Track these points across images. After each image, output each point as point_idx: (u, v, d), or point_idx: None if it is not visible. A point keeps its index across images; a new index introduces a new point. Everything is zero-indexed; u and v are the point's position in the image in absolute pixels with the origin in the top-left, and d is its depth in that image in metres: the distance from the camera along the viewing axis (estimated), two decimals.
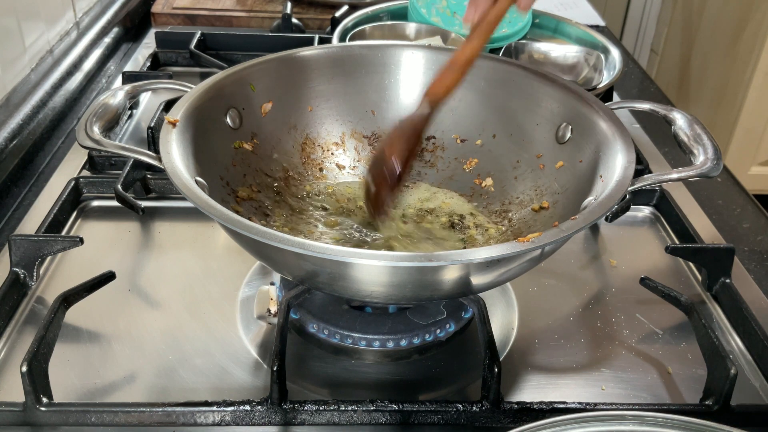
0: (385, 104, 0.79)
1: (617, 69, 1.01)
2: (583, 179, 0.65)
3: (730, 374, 0.56)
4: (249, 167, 0.70)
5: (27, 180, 0.87)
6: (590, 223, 0.53)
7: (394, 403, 0.57)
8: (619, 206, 0.80)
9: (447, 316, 0.63)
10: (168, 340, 0.64)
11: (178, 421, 0.56)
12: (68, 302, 0.62)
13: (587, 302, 0.71)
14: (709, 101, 2.24)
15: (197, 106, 0.65)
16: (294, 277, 0.58)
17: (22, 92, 0.96)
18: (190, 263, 0.74)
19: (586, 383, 0.62)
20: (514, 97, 0.74)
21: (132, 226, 0.79)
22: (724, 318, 0.70)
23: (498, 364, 0.56)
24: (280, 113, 0.74)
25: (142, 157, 0.59)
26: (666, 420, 0.44)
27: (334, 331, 0.62)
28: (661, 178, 0.61)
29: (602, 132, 0.64)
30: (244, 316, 0.67)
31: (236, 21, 1.35)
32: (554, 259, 0.74)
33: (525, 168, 0.73)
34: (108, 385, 0.60)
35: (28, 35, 1.01)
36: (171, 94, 0.94)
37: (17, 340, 0.64)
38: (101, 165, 0.88)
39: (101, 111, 0.63)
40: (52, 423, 0.56)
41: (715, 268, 0.72)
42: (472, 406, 0.57)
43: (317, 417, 0.57)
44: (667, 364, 0.64)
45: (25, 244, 0.68)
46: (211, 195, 0.55)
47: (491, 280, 0.57)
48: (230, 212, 0.52)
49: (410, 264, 0.49)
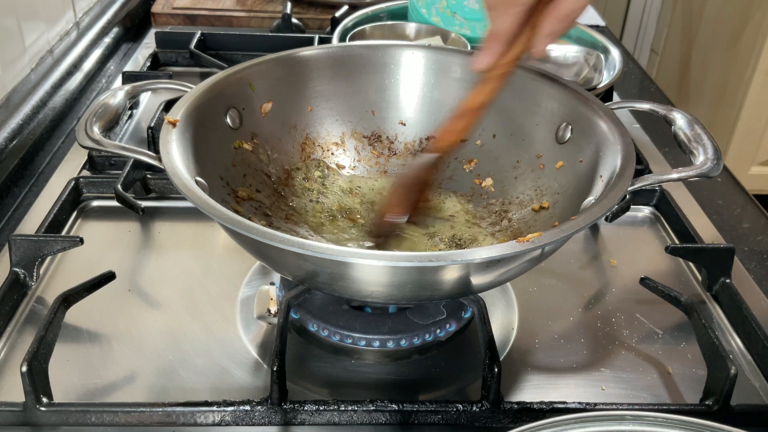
0: (385, 104, 0.79)
1: (617, 69, 1.01)
2: (583, 179, 0.65)
3: (730, 374, 0.56)
4: (249, 167, 0.70)
5: (27, 180, 0.87)
6: (590, 223, 0.53)
7: (394, 403, 0.57)
8: (619, 206, 0.80)
9: (447, 316, 0.63)
10: (168, 340, 0.64)
11: (178, 421, 0.56)
12: (68, 302, 0.62)
13: (587, 302, 0.71)
14: (709, 101, 2.24)
15: (197, 106, 0.65)
16: (294, 277, 0.58)
17: (22, 92, 0.96)
18: (190, 263, 0.74)
19: (586, 383, 0.62)
20: (514, 97, 0.74)
21: (132, 226, 0.79)
22: (724, 318, 0.70)
23: (498, 364, 0.56)
24: (280, 113, 0.74)
25: (142, 157, 0.59)
26: (666, 420, 0.44)
27: (334, 331, 0.62)
28: (661, 178, 0.61)
29: (602, 132, 0.64)
30: (244, 316, 0.67)
31: (236, 21, 1.35)
32: (554, 259, 0.74)
33: (525, 168, 0.73)
34: (108, 385, 0.60)
35: (28, 35, 1.01)
36: (171, 94, 0.94)
37: (17, 340, 0.64)
38: (101, 165, 0.88)
39: (101, 111, 0.63)
40: (52, 423, 0.56)
41: (715, 268, 0.72)
42: (472, 406, 0.57)
43: (317, 417, 0.57)
44: (667, 364, 0.64)
45: (25, 244, 0.68)
46: (211, 195, 0.55)
47: (491, 280, 0.57)
48: (230, 212, 0.52)
49: (410, 264, 0.49)
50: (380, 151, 0.79)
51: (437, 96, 0.78)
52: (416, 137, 0.79)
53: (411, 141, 0.79)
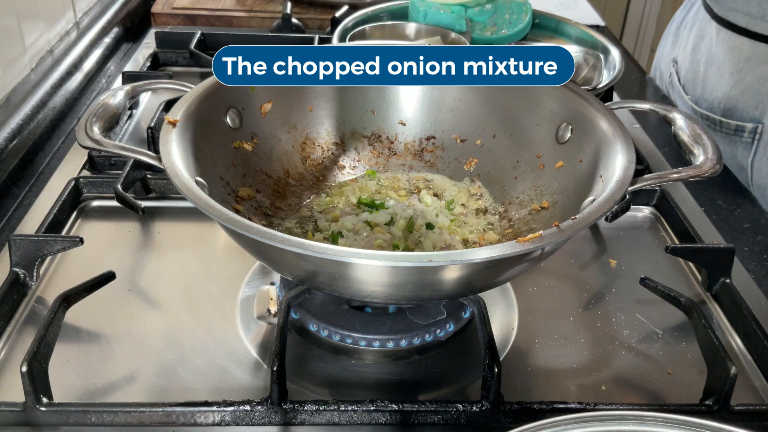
0: (385, 104, 0.79)
1: (617, 69, 1.01)
2: (583, 179, 0.65)
3: (730, 374, 0.56)
4: (249, 167, 0.70)
5: (27, 180, 0.87)
6: (590, 223, 0.53)
7: (394, 403, 0.57)
8: (619, 206, 0.80)
9: (447, 316, 0.63)
10: (168, 340, 0.64)
11: (178, 421, 0.56)
12: (68, 302, 0.62)
13: (587, 302, 0.71)
14: None
15: (197, 106, 0.65)
16: (294, 277, 0.58)
17: (22, 92, 0.96)
18: (190, 263, 0.74)
19: (586, 383, 0.62)
20: (514, 97, 0.74)
21: (132, 226, 0.79)
22: (724, 318, 0.70)
23: (498, 364, 0.56)
24: (280, 113, 0.74)
25: (142, 157, 0.59)
26: (666, 420, 0.44)
27: (334, 331, 0.62)
28: (662, 178, 0.61)
29: (602, 132, 0.64)
30: (244, 316, 0.67)
31: (236, 21, 1.35)
32: (554, 259, 0.74)
33: (525, 168, 0.73)
34: (108, 385, 0.60)
35: (28, 35, 1.01)
36: (171, 94, 0.94)
37: (17, 340, 0.64)
38: (101, 165, 0.88)
39: (101, 111, 0.63)
40: (52, 423, 0.56)
41: (715, 268, 0.72)
42: (472, 406, 0.57)
43: (317, 417, 0.57)
44: (667, 364, 0.64)
45: (25, 244, 0.68)
46: (211, 195, 0.55)
47: (491, 280, 0.57)
48: (230, 212, 0.52)
49: (410, 264, 0.49)
50: (380, 151, 0.79)
51: (437, 96, 0.78)
52: (416, 137, 0.79)
53: (411, 141, 0.79)
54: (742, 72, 0.90)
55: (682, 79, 1.07)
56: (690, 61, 1.04)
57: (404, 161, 0.79)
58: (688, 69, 1.04)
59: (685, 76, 1.06)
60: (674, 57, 1.11)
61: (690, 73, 1.03)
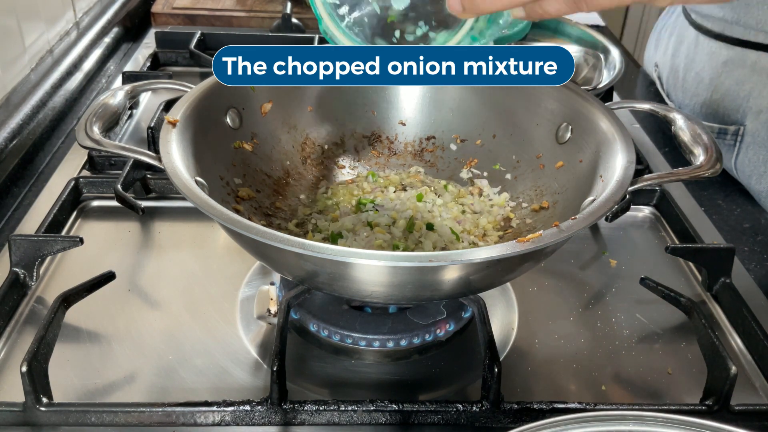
0: (385, 104, 0.79)
1: (617, 69, 1.01)
2: (583, 179, 0.65)
3: (730, 374, 0.56)
4: (249, 167, 0.70)
5: (27, 180, 0.87)
6: (590, 223, 0.53)
7: (394, 403, 0.57)
8: (619, 206, 0.80)
9: (447, 316, 0.63)
10: (168, 340, 0.64)
11: (178, 421, 0.56)
12: (68, 302, 0.62)
13: (587, 302, 0.71)
14: None
15: (197, 106, 0.65)
16: (294, 277, 0.58)
17: (22, 92, 0.96)
18: (190, 263, 0.74)
19: (586, 383, 0.62)
20: (514, 97, 0.74)
21: (132, 226, 0.79)
22: (724, 318, 0.70)
23: (498, 364, 0.56)
24: (280, 113, 0.74)
25: (142, 157, 0.59)
26: (666, 420, 0.44)
27: (334, 331, 0.62)
28: (662, 178, 0.61)
29: (602, 132, 0.64)
30: (244, 316, 0.67)
31: (236, 21, 1.35)
32: (554, 259, 0.74)
33: (525, 168, 0.73)
34: (108, 385, 0.60)
35: (28, 35, 1.01)
36: (171, 94, 0.94)
37: (17, 340, 0.64)
38: (101, 165, 0.88)
39: (101, 111, 0.63)
40: (52, 423, 0.56)
41: (715, 268, 0.72)
42: (472, 406, 0.57)
43: (317, 417, 0.57)
44: (667, 364, 0.64)
45: (25, 244, 0.68)
46: (211, 195, 0.55)
47: (491, 280, 0.57)
48: (230, 212, 0.52)
49: (410, 264, 0.49)
50: (380, 151, 0.79)
51: (437, 96, 0.78)
52: (416, 137, 0.79)
53: (411, 141, 0.79)
54: (721, 76, 0.92)
55: (664, 83, 1.08)
56: (670, 66, 1.05)
57: (404, 161, 0.79)
58: (669, 74, 1.05)
59: (666, 80, 1.07)
60: (655, 61, 1.12)
61: (671, 77, 1.04)
